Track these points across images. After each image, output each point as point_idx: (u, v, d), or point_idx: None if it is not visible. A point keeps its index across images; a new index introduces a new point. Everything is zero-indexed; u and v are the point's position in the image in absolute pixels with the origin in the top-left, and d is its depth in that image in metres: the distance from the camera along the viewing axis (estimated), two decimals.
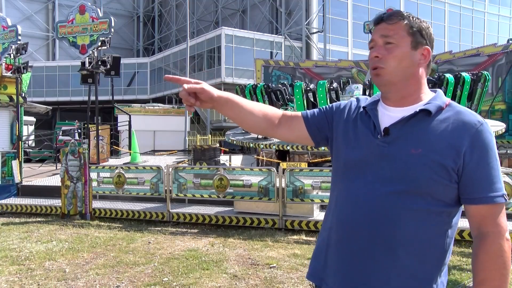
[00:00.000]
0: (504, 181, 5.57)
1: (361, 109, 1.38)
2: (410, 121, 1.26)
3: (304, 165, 9.29)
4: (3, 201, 8.90)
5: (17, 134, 10.08)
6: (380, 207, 1.24)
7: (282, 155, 11.99)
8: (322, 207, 6.97)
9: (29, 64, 10.72)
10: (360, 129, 1.35)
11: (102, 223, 7.42)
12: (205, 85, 1.33)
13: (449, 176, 1.21)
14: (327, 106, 1.49)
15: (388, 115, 1.31)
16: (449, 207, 1.25)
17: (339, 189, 1.37)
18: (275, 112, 1.47)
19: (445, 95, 6.25)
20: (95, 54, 11.80)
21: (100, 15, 11.48)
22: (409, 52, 1.27)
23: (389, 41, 1.28)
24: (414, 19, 1.30)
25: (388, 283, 1.24)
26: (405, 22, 1.28)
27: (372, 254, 1.25)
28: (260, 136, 10.42)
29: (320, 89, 9.35)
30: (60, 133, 22.68)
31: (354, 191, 1.30)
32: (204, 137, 25.80)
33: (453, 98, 8.77)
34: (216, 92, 1.33)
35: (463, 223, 5.93)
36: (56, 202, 8.41)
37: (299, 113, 1.49)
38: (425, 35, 1.29)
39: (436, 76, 9.28)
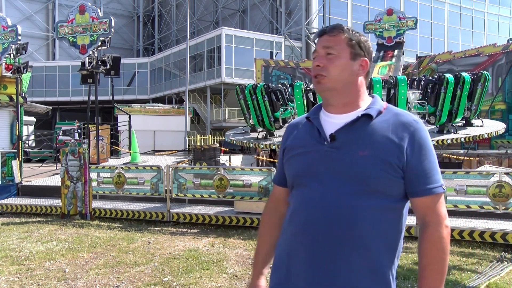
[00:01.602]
0: (504, 181, 5.57)
1: (305, 120, 1.48)
2: (354, 126, 1.36)
3: None
4: (3, 201, 8.90)
5: (17, 134, 10.08)
6: (335, 208, 1.31)
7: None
8: None
9: (29, 64, 10.71)
10: (306, 138, 1.44)
11: (102, 223, 7.42)
12: None
13: (395, 172, 1.32)
14: (281, 146, 1.59)
15: (331, 122, 1.40)
16: (399, 203, 1.36)
17: (294, 199, 1.43)
18: (274, 212, 1.59)
19: (445, 95, 6.25)
20: (95, 54, 11.79)
21: (100, 15, 11.46)
22: (348, 62, 1.39)
23: (330, 52, 1.39)
24: (354, 32, 1.41)
25: (350, 280, 1.30)
26: (345, 35, 1.39)
27: (335, 254, 1.31)
28: (260, 136, 10.41)
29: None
30: (60, 133, 22.69)
31: (310, 196, 1.37)
32: (204, 137, 25.80)
33: (453, 98, 8.75)
34: (262, 279, 1.56)
35: (463, 223, 5.94)
36: (56, 202, 8.41)
37: (274, 186, 1.62)
38: (363, 47, 1.41)
39: (436, 76, 9.27)
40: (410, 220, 6.18)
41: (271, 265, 1.53)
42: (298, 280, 1.36)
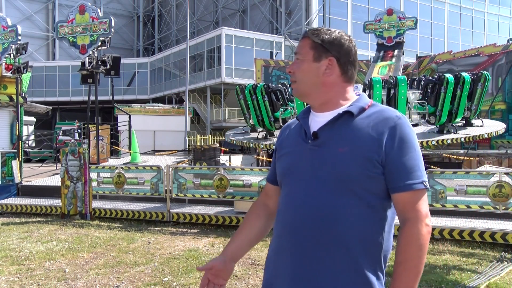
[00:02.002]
0: (504, 181, 5.57)
1: (297, 121, 1.51)
2: (336, 123, 1.37)
3: None
4: (3, 201, 8.90)
5: (17, 134, 10.08)
6: (317, 208, 1.32)
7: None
8: None
9: (29, 64, 10.71)
10: (294, 138, 1.46)
11: (102, 223, 7.42)
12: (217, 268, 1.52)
13: (375, 168, 1.30)
14: (274, 145, 1.63)
15: (316, 121, 1.42)
16: (383, 200, 1.34)
17: (281, 198, 1.46)
18: (261, 205, 1.61)
19: (445, 95, 6.22)
20: (95, 54, 11.78)
21: (100, 15, 11.46)
22: (311, 65, 1.39)
23: (297, 57, 1.43)
24: (318, 34, 1.41)
25: (334, 281, 1.29)
26: (309, 38, 1.41)
27: (316, 254, 1.31)
28: (260, 136, 10.42)
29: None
30: (60, 133, 22.69)
31: (293, 195, 1.39)
32: (204, 137, 25.80)
33: (453, 98, 8.76)
34: (222, 259, 1.53)
35: (463, 223, 5.94)
36: (56, 202, 8.41)
37: (266, 183, 1.65)
38: (328, 46, 1.39)
39: (436, 76, 9.27)
40: None
41: (237, 248, 1.56)
42: (283, 279, 1.37)
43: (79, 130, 20.40)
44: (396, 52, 18.61)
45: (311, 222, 1.32)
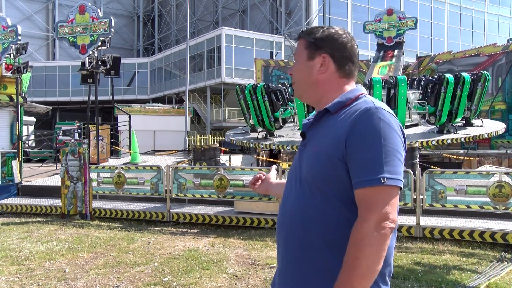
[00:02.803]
0: (504, 181, 5.56)
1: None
2: (319, 122, 1.36)
3: None
4: (3, 201, 8.90)
5: (17, 134, 10.08)
6: (292, 210, 1.32)
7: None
8: None
9: (29, 64, 10.71)
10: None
11: (102, 223, 7.42)
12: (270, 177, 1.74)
13: (337, 166, 1.24)
14: None
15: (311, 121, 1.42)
16: (352, 201, 1.24)
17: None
18: None
19: (445, 95, 6.18)
20: (95, 54, 11.79)
21: (100, 15, 11.46)
22: (305, 64, 1.39)
23: (295, 59, 1.45)
24: (310, 33, 1.40)
25: (307, 282, 1.28)
26: (303, 38, 1.41)
27: (293, 255, 1.31)
28: (260, 136, 10.42)
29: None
30: (60, 133, 22.69)
31: (282, 199, 1.42)
32: (204, 137, 25.79)
33: (453, 98, 8.76)
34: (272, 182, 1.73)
35: (463, 223, 5.94)
36: (56, 202, 8.41)
37: None
38: (319, 43, 1.36)
39: (436, 76, 9.27)
40: (410, 221, 6.17)
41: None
42: (276, 277, 1.43)
43: (79, 130, 20.40)
44: (396, 52, 18.62)
45: (290, 224, 1.33)
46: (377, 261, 1.17)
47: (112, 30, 11.35)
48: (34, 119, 24.52)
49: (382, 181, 1.18)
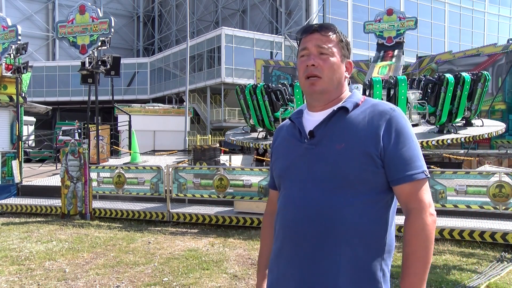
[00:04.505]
0: (504, 181, 5.57)
1: (289, 122, 1.50)
2: (331, 121, 1.36)
3: None
4: (3, 201, 8.90)
5: (17, 134, 10.08)
6: (316, 207, 1.31)
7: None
8: None
9: (29, 64, 10.71)
10: (288, 139, 1.45)
11: (102, 223, 7.42)
12: None
13: (374, 162, 1.30)
14: (270, 149, 1.65)
15: (312, 120, 1.41)
16: (383, 195, 1.33)
17: (279, 200, 1.44)
18: (270, 214, 1.63)
19: (445, 95, 6.22)
20: (95, 54, 11.79)
21: (100, 15, 11.46)
22: (340, 64, 1.39)
23: (324, 52, 1.37)
24: (342, 34, 1.42)
25: (337, 279, 1.28)
26: (337, 35, 1.40)
27: (318, 253, 1.30)
28: (260, 136, 10.42)
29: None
30: (60, 133, 22.70)
31: (291, 196, 1.37)
32: (204, 137, 25.79)
33: (453, 98, 8.76)
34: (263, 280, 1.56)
35: (463, 223, 5.93)
36: (56, 202, 8.41)
37: (269, 190, 1.66)
38: (349, 50, 1.43)
39: (436, 76, 9.27)
40: None
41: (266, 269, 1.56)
42: (285, 280, 1.36)
43: (79, 130, 20.41)
44: (396, 52, 18.62)
45: (312, 222, 1.30)
46: (433, 248, 1.29)
47: (112, 30, 11.35)
48: (34, 119, 24.52)
49: (426, 174, 1.32)
